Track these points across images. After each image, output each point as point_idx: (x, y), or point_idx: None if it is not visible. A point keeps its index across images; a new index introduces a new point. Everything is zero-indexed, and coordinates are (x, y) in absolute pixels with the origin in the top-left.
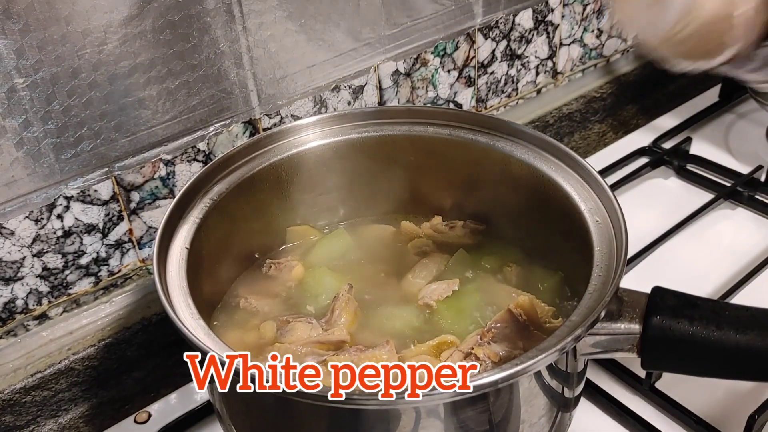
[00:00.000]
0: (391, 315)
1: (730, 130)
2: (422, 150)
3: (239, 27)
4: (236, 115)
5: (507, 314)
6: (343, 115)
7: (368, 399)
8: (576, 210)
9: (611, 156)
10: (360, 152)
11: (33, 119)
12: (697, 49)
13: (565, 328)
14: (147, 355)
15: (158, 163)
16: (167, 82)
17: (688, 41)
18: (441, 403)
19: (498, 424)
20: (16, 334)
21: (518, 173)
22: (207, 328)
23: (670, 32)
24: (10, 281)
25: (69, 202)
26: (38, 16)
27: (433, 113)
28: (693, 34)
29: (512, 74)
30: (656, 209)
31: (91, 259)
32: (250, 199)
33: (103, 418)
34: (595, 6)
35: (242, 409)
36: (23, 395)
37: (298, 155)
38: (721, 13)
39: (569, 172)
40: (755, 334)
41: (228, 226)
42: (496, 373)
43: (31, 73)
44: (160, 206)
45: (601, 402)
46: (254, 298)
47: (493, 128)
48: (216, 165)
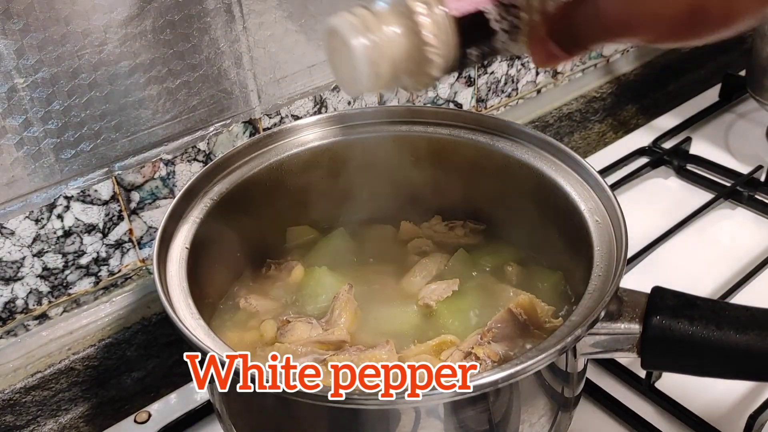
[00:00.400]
0: (391, 315)
1: (730, 130)
2: (422, 150)
3: (239, 27)
4: (236, 115)
5: (507, 314)
6: (343, 115)
7: (368, 399)
8: (576, 210)
9: (611, 156)
10: (360, 152)
11: (33, 119)
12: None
13: (565, 328)
14: (147, 355)
15: (158, 163)
16: (167, 82)
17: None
18: (441, 403)
19: (498, 423)
20: (16, 333)
21: (518, 173)
22: (207, 328)
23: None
24: (11, 281)
25: (69, 202)
26: (38, 16)
27: (433, 113)
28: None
29: (512, 74)
30: (656, 209)
31: (91, 259)
32: (251, 199)
33: (103, 417)
34: None
35: (242, 409)
36: (23, 395)
37: (298, 155)
38: (410, 49)
39: (569, 172)
40: (755, 334)
41: (228, 226)
42: (496, 373)
43: (31, 73)
44: (161, 206)
45: (601, 402)
46: (254, 298)
47: (493, 128)
48: (216, 165)
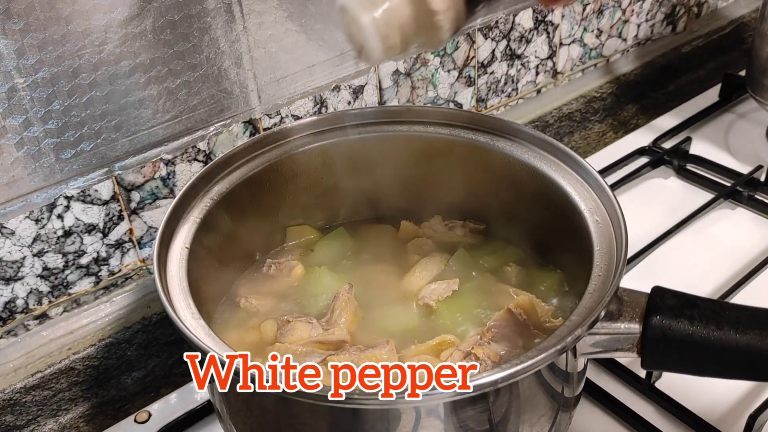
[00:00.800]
0: (391, 315)
1: (730, 130)
2: (422, 150)
3: (239, 27)
4: (236, 114)
5: (507, 314)
6: (343, 115)
7: (368, 399)
8: (576, 210)
9: (611, 156)
10: (360, 152)
11: (33, 119)
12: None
13: (565, 328)
14: (147, 355)
15: (158, 163)
16: (167, 82)
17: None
18: (441, 403)
19: (498, 423)
20: (16, 333)
21: (518, 173)
22: (207, 328)
23: None
24: (11, 281)
25: (69, 201)
26: (38, 16)
27: (433, 113)
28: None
29: (512, 74)
30: (656, 209)
31: (92, 259)
32: (250, 198)
33: (104, 417)
34: (595, 6)
35: (242, 409)
36: (23, 395)
37: (298, 155)
38: (418, 15)
39: (569, 172)
40: (755, 334)
41: (228, 226)
42: (496, 372)
43: (31, 73)
44: (161, 206)
45: (601, 402)
46: (254, 298)
47: (492, 128)
48: (216, 165)
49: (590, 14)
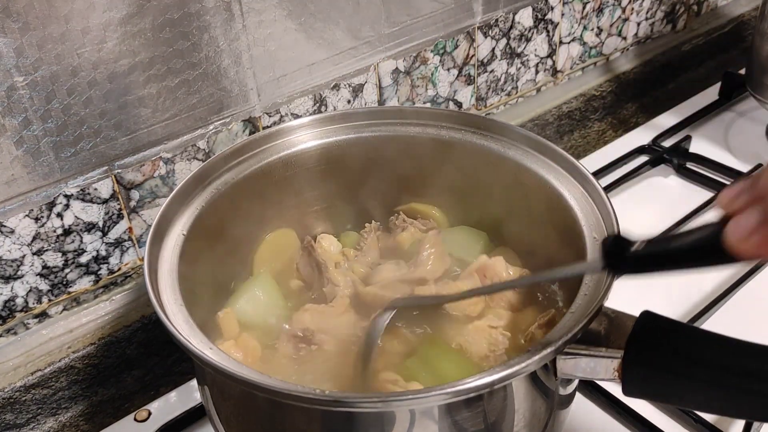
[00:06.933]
0: None
1: (729, 129)
2: (421, 150)
3: (239, 25)
4: (236, 113)
5: None
6: (343, 114)
7: (361, 401)
8: (574, 219)
9: (611, 154)
10: (359, 151)
11: (33, 118)
12: None
13: (534, 350)
14: (147, 354)
15: (158, 162)
16: (167, 81)
17: None
18: (435, 406)
19: (492, 424)
20: (16, 332)
21: (523, 182)
22: (202, 335)
23: None
24: (10, 279)
25: (69, 200)
26: (38, 14)
27: (432, 113)
28: None
29: (512, 72)
30: (656, 208)
31: (91, 258)
32: (249, 197)
33: (103, 416)
34: (594, 4)
35: (235, 413)
36: (23, 393)
37: (298, 154)
38: None
39: (572, 181)
40: (739, 378)
41: (227, 225)
42: (491, 374)
43: (30, 72)
44: (160, 204)
45: (601, 400)
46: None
47: (490, 129)
48: (214, 163)
49: (590, 13)
